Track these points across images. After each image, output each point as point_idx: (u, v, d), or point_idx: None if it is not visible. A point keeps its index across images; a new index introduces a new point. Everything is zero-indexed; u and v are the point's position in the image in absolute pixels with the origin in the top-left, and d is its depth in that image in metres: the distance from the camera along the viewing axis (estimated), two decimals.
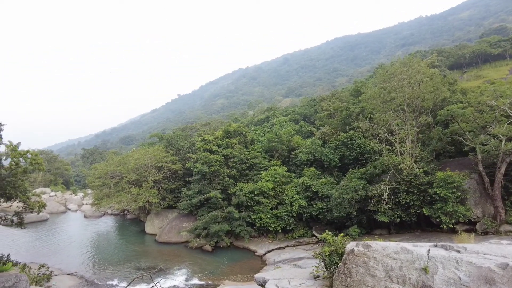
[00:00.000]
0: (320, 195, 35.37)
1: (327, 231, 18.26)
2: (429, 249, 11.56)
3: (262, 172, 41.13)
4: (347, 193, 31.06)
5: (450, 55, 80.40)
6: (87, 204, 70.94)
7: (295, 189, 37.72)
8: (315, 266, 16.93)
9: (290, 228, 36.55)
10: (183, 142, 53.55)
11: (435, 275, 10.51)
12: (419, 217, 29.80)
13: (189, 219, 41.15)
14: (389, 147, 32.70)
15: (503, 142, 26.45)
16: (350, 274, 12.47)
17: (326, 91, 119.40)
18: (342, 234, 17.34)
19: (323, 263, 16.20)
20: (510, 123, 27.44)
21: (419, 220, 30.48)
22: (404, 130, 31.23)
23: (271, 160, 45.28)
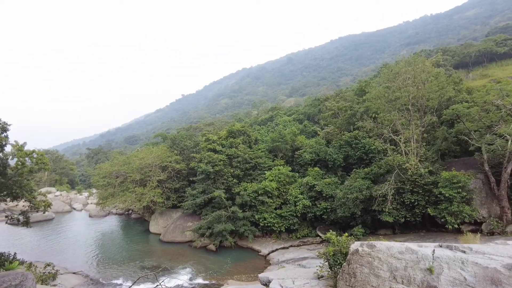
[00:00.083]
0: (324, 195, 35.30)
1: (331, 231, 18.21)
2: (434, 250, 11.49)
3: (266, 172, 41.17)
4: (352, 193, 30.96)
5: (455, 54, 79.61)
6: (92, 203, 71.50)
7: (299, 189, 37.66)
8: (319, 266, 16.91)
9: (294, 228, 36.50)
10: (187, 142, 53.70)
11: (440, 275, 10.45)
12: (424, 217, 29.63)
13: (193, 219, 41.28)
14: (393, 147, 32.53)
15: (509, 142, 26.21)
16: (354, 274, 12.43)
17: (330, 90, 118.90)
18: (346, 234, 17.30)
19: (327, 263, 16.17)
20: None
21: (424, 220, 30.31)
22: (409, 130, 31.05)
23: (275, 160, 45.26)
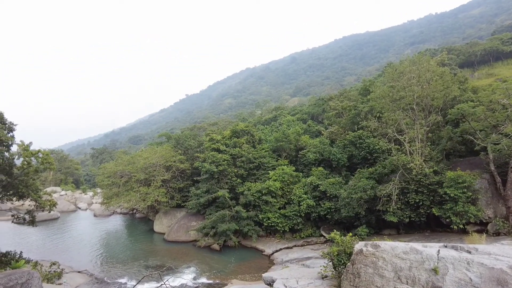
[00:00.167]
0: (328, 194, 35.21)
1: (335, 231, 18.18)
2: (439, 250, 11.43)
3: (269, 171, 41.17)
4: (356, 193, 30.85)
5: (460, 53, 78.99)
6: (96, 203, 71.90)
7: (303, 189, 37.61)
8: (323, 266, 16.90)
9: (298, 228, 36.48)
10: (191, 142, 53.83)
11: (445, 276, 10.39)
12: (429, 217, 29.45)
13: (197, 218, 41.40)
14: (398, 147, 32.40)
15: None
16: (358, 274, 12.40)
17: (334, 90, 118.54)
18: (350, 234, 17.25)
19: (331, 263, 16.15)
20: None
21: (429, 220, 30.13)
22: (414, 129, 30.86)
23: (279, 159, 45.23)
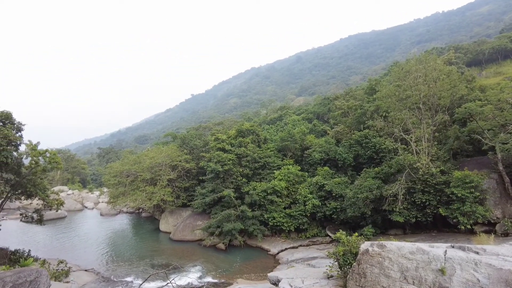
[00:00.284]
0: (334, 194, 35.09)
1: (341, 230, 18.14)
2: (446, 250, 11.34)
3: (275, 171, 41.15)
4: (362, 193, 30.70)
5: (468, 51, 78.11)
6: (103, 202, 72.43)
7: (309, 189, 37.52)
8: (329, 266, 16.87)
9: (304, 228, 36.40)
10: (197, 141, 54.01)
11: (453, 276, 10.29)
12: (436, 218, 29.16)
13: (202, 218, 41.54)
14: (404, 146, 32.17)
15: None
16: (364, 274, 12.35)
17: (340, 89, 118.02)
18: (356, 234, 17.20)
19: (337, 263, 16.12)
20: None
21: (436, 221, 29.84)
22: (420, 129, 30.62)
23: (284, 159, 45.20)
